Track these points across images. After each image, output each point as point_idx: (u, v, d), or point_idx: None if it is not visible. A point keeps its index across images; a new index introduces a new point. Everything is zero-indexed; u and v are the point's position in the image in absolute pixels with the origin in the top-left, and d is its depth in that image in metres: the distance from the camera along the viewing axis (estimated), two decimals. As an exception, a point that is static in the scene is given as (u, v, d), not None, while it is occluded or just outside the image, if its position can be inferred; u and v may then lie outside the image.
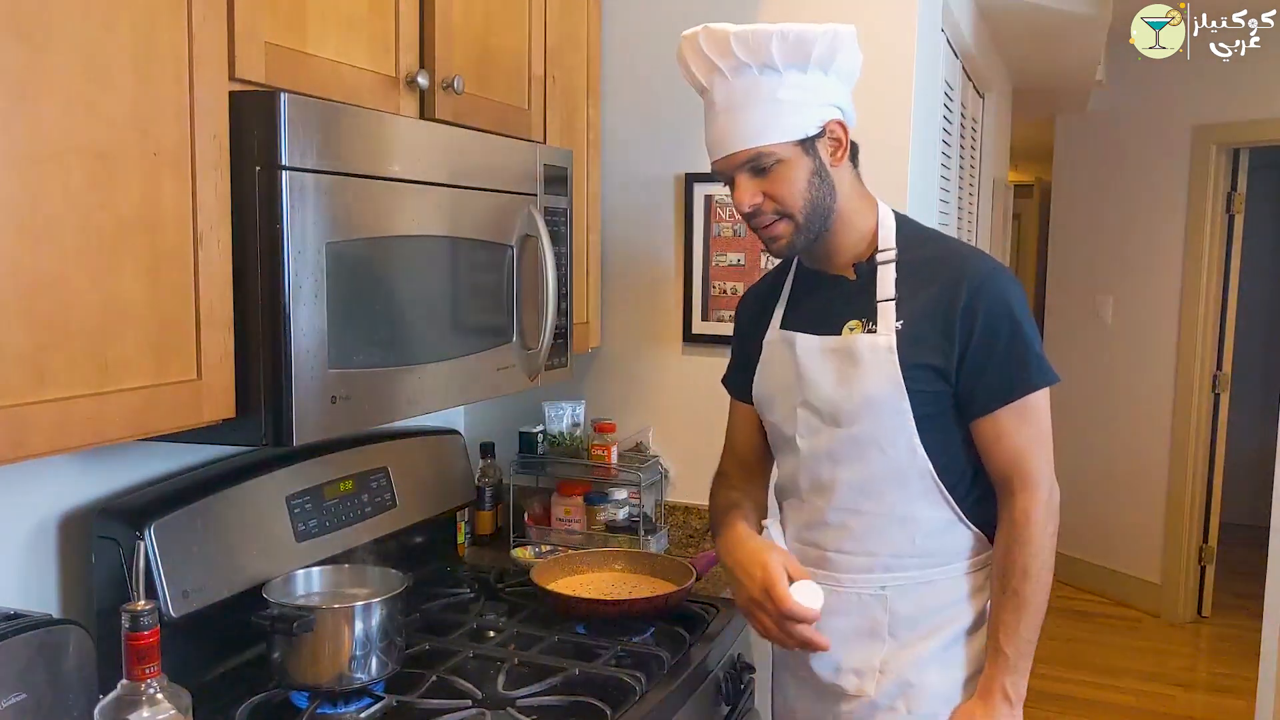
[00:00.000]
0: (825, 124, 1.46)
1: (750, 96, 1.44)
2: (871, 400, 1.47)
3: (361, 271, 1.38)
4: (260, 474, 1.64)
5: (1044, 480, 1.47)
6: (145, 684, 1.12)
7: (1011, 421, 1.46)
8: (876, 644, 1.52)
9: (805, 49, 1.42)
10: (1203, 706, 3.95)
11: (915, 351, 1.45)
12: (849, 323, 1.50)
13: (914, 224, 1.59)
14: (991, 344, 1.44)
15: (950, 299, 1.45)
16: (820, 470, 1.54)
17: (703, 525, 2.29)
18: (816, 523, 1.56)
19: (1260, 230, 5.56)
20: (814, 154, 1.47)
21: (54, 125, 1.02)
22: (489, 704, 1.50)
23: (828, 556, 1.55)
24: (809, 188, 1.47)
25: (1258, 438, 5.07)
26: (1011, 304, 1.46)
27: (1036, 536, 1.45)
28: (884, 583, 1.52)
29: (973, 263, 1.51)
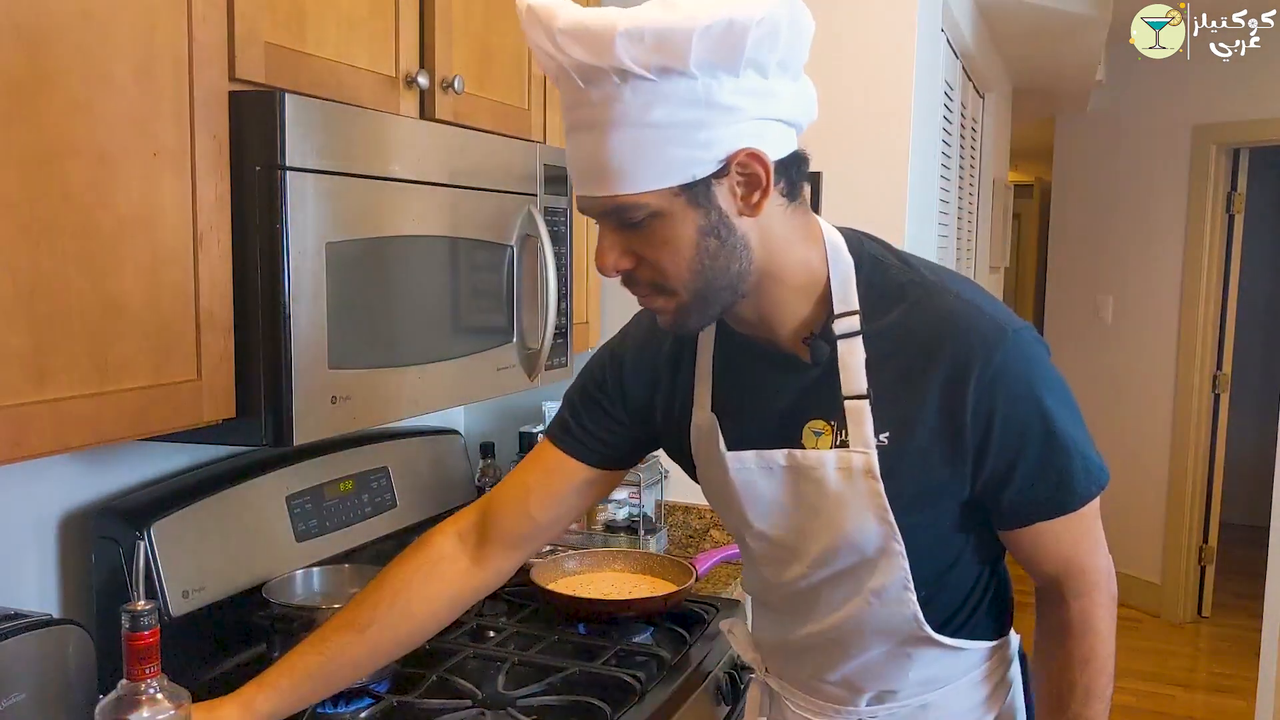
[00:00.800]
0: (729, 157, 0.97)
1: (611, 115, 0.95)
2: (848, 542, 1.11)
3: (361, 271, 1.38)
4: (260, 474, 1.64)
5: (1104, 576, 1.15)
6: (145, 684, 1.12)
7: (1061, 531, 1.11)
8: None
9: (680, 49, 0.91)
10: (1203, 706, 3.95)
11: (908, 472, 1.07)
12: (812, 423, 1.09)
13: (877, 261, 1.11)
14: (1020, 453, 1.05)
15: (951, 393, 1.03)
16: (790, 598, 1.22)
17: (703, 525, 2.29)
18: (790, 646, 1.27)
19: (1260, 230, 5.56)
20: (709, 204, 0.98)
21: (54, 125, 1.02)
22: (489, 704, 1.50)
23: (807, 683, 1.28)
24: (699, 253, 0.99)
25: (1258, 438, 5.08)
26: (1038, 391, 1.04)
27: (1102, 646, 1.15)
28: (875, 714, 1.24)
29: (976, 332, 1.04)
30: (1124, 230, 4.92)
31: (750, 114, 0.97)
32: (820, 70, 1.87)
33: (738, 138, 0.97)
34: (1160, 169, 4.73)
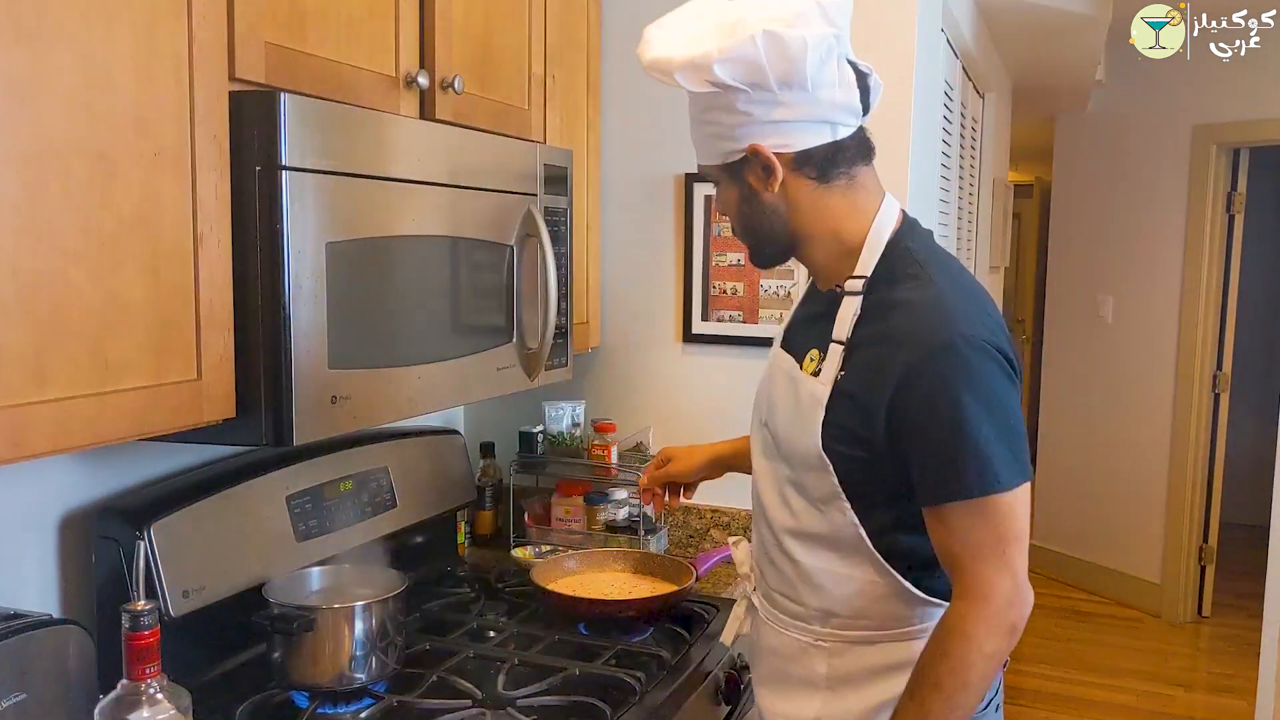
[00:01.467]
0: (746, 149, 1.28)
1: (691, 110, 1.34)
2: (799, 448, 1.31)
3: (362, 271, 1.38)
4: (260, 474, 1.64)
5: (995, 593, 1.19)
6: (145, 684, 1.12)
7: (958, 520, 1.21)
8: (812, 694, 1.37)
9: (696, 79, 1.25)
10: (1203, 706, 3.95)
11: (842, 408, 1.26)
12: (811, 351, 1.34)
13: (909, 247, 1.32)
14: (926, 436, 1.21)
15: (890, 366, 1.22)
16: (768, 504, 1.41)
17: (702, 525, 2.29)
18: (764, 556, 1.44)
19: (1260, 230, 5.56)
20: (740, 180, 1.32)
21: (54, 125, 1.02)
22: (489, 704, 1.50)
23: (771, 594, 1.43)
24: (740, 212, 1.35)
25: (1258, 438, 5.07)
26: (957, 391, 1.19)
27: (964, 652, 1.19)
28: (821, 636, 1.36)
29: (931, 325, 1.22)
30: (1124, 230, 4.92)
31: (759, 119, 1.26)
32: (820, 70, 1.87)
33: (750, 135, 1.28)
34: (1160, 169, 4.73)
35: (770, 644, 1.44)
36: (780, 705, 1.42)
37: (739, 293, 2.25)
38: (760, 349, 2.22)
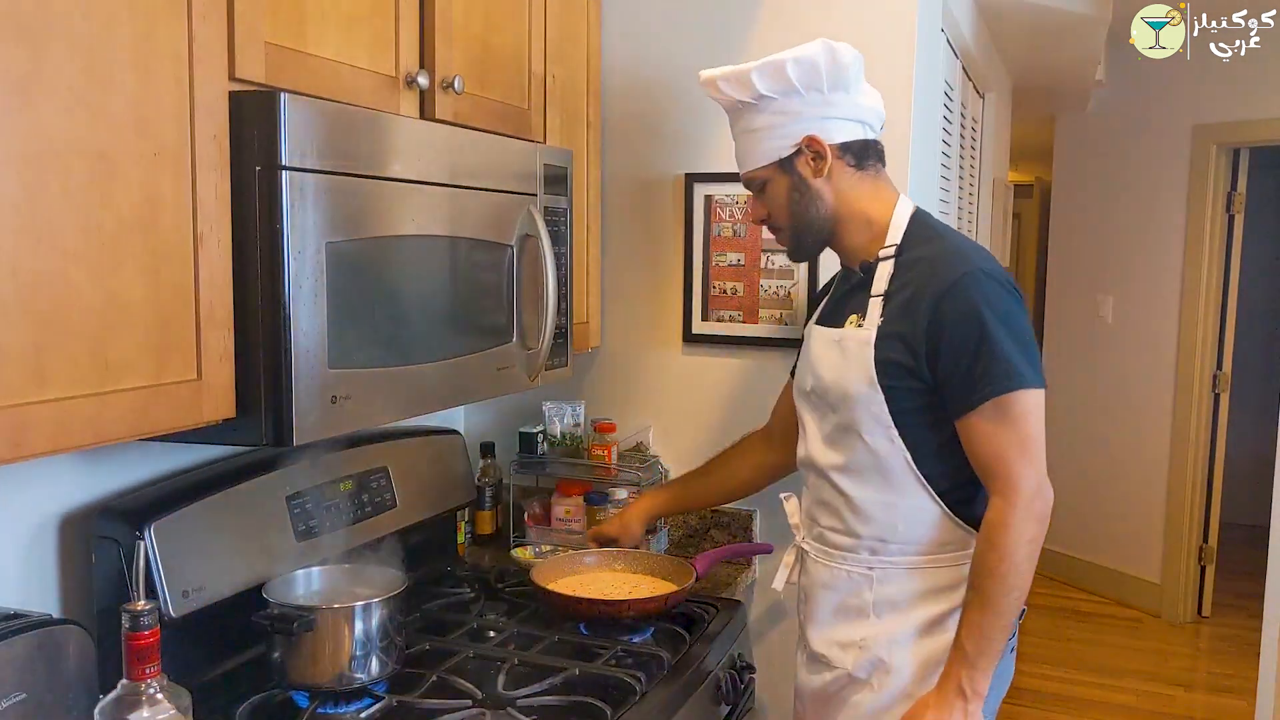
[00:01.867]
0: (799, 142, 1.59)
1: (740, 127, 1.65)
2: (852, 391, 1.56)
3: (361, 271, 1.38)
4: (260, 474, 1.64)
5: (1024, 485, 1.45)
6: (145, 684, 1.12)
7: (987, 425, 1.47)
8: (861, 621, 1.61)
9: (746, 80, 1.58)
10: (1203, 706, 3.95)
11: (889, 347, 1.53)
12: (851, 316, 1.61)
13: (926, 222, 1.64)
14: (958, 349, 1.47)
15: (923, 300, 1.50)
16: (817, 453, 1.65)
17: (702, 525, 2.29)
18: (816, 501, 1.68)
19: (1260, 230, 5.56)
20: (793, 171, 1.61)
21: (54, 125, 1.02)
22: (489, 704, 1.50)
23: (823, 533, 1.66)
24: (790, 203, 1.62)
25: (1258, 438, 5.07)
26: (980, 308, 1.46)
27: (1007, 541, 1.44)
28: (871, 564, 1.60)
29: (952, 264, 1.52)
30: (1124, 230, 4.91)
31: (812, 115, 1.59)
32: (820, 70, 1.87)
33: (804, 129, 1.59)
34: (1160, 169, 4.73)
35: (822, 579, 1.66)
36: (831, 634, 1.64)
37: (739, 293, 2.25)
38: (761, 349, 2.23)
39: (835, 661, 1.63)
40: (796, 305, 2.20)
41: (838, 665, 1.63)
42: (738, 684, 1.86)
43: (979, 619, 1.46)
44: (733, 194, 2.22)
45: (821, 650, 1.66)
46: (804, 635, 1.71)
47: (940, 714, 1.46)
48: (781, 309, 2.21)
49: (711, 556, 2.01)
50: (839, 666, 1.63)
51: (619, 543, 2.00)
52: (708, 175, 2.24)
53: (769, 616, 2.26)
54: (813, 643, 1.68)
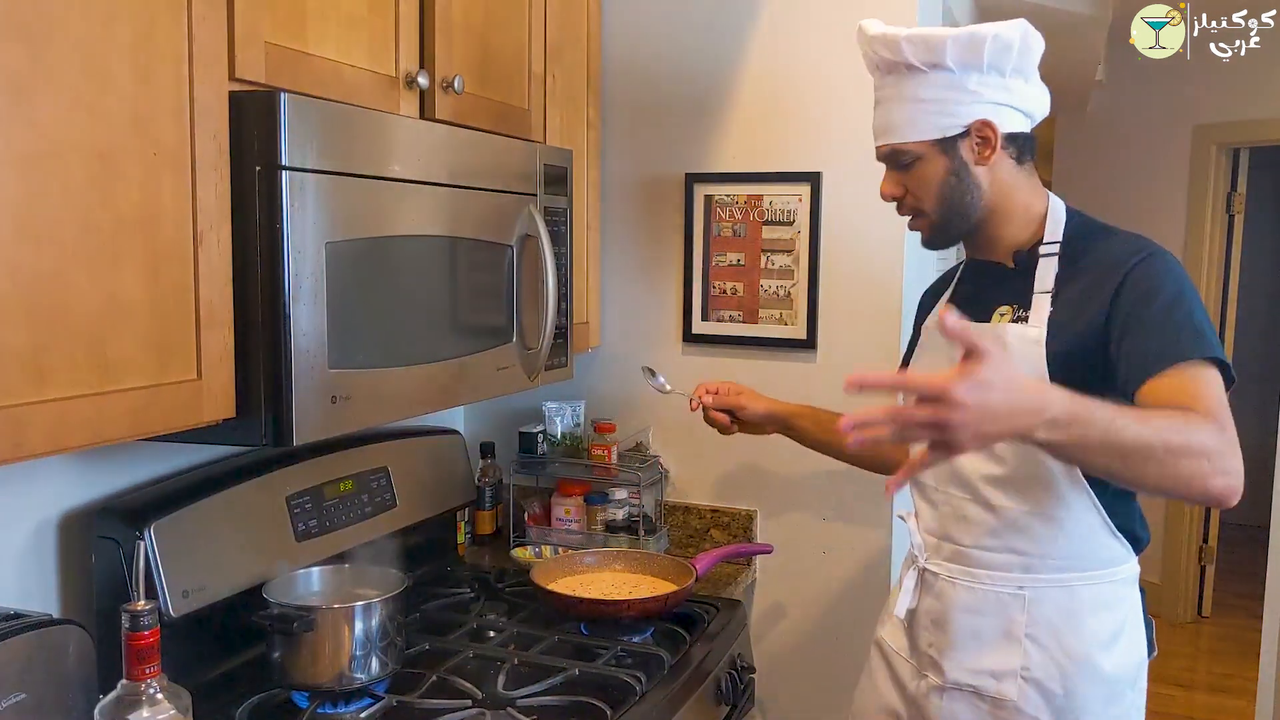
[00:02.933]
0: (970, 124, 1.45)
1: (898, 92, 1.48)
2: None
3: (361, 271, 1.38)
4: (260, 474, 1.64)
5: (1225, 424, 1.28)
6: (145, 684, 1.12)
7: (1170, 385, 1.29)
8: (1013, 646, 1.48)
9: (939, 48, 1.41)
10: (1203, 706, 3.95)
11: (1062, 341, 1.41)
12: (999, 308, 1.51)
13: (1085, 218, 1.55)
14: (1140, 320, 1.36)
15: (1107, 278, 1.41)
16: (965, 463, 1.49)
17: (702, 525, 2.29)
18: (955, 516, 1.53)
19: (1260, 230, 5.55)
20: (954, 154, 1.47)
21: (54, 125, 1.02)
22: (489, 704, 1.50)
23: (965, 552, 1.52)
24: (943, 186, 1.48)
25: (1258, 437, 5.07)
26: (1170, 277, 1.40)
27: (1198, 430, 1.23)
28: (1023, 583, 1.48)
29: (1132, 250, 1.44)
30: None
31: (988, 99, 1.45)
32: (820, 70, 1.88)
33: (977, 111, 1.45)
34: (1160, 169, 4.73)
35: (962, 603, 1.51)
36: (980, 662, 1.50)
37: (739, 293, 2.25)
38: (761, 349, 2.23)
39: (990, 691, 1.49)
40: (796, 305, 2.20)
41: (998, 696, 1.48)
42: (738, 684, 1.86)
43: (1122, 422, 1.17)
44: (733, 194, 2.22)
45: (968, 681, 1.50)
46: (933, 665, 1.55)
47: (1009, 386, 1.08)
48: (781, 309, 2.21)
49: (711, 556, 2.01)
50: (1001, 697, 1.48)
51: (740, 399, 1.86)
52: (708, 175, 2.24)
53: (769, 616, 2.26)
54: (952, 672, 1.52)
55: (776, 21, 2.17)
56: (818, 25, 2.14)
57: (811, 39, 2.14)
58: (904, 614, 1.60)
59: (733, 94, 2.21)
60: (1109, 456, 1.19)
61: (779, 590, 2.25)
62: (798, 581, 2.23)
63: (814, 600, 2.22)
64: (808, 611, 2.23)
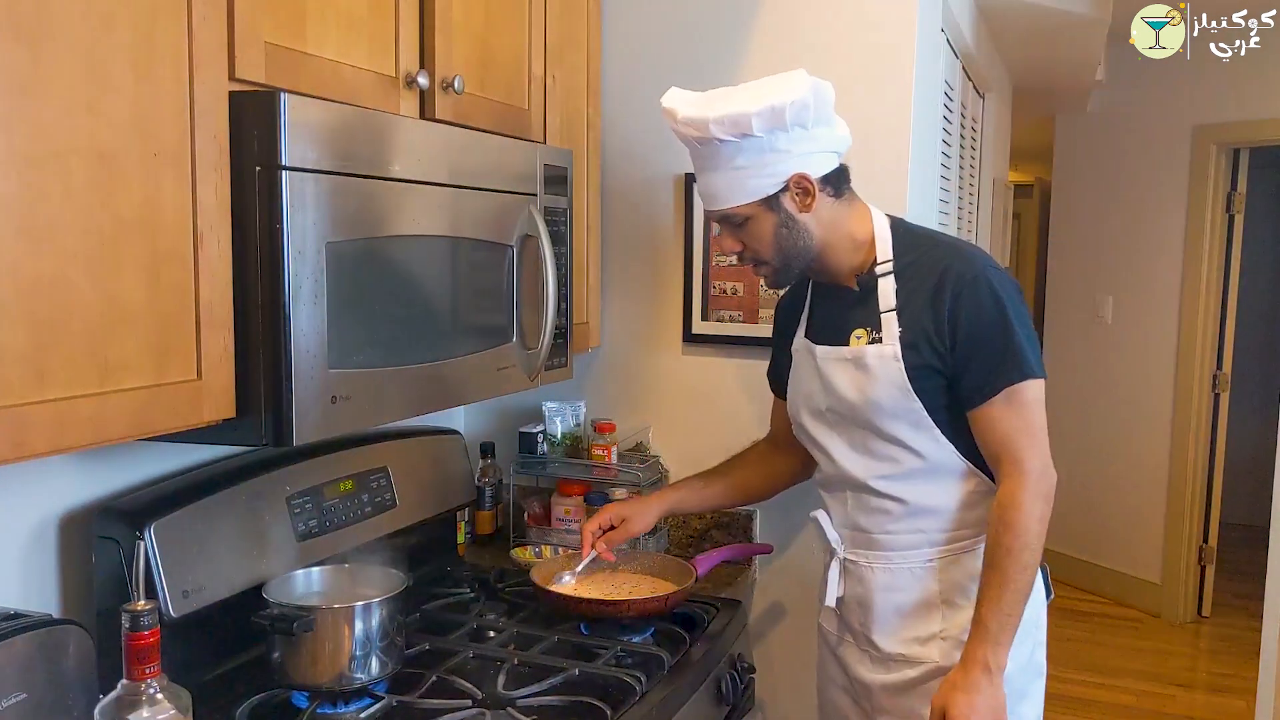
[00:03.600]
0: (788, 180, 1.56)
1: (715, 162, 1.58)
2: (887, 403, 1.58)
3: (362, 271, 1.38)
4: (260, 474, 1.64)
5: (1032, 467, 1.54)
6: (145, 684, 1.12)
7: (998, 413, 1.55)
8: (932, 613, 1.64)
9: (745, 124, 1.51)
10: (1203, 706, 3.95)
11: (914, 354, 1.57)
12: (855, 331, 1.63)
13: (908, 229, 1.68)
14: (977, 341, 1.54)
15: (938, 302, 1.56)
16: (854, 468, 1.66)
17: (703, 525, 2.29)
18: (860, 509, 1.68)
19: (1260, 230, 5.56)
20: (779, 208, 1.58)
21: (54, 125, 1.02)
22: (489, 704, 1.50)
23: (875, 539, 1.67)
24: (777, 237, 1.60)
25: (1258, 438, 5.07)
26: (996, 302, 1.55)
27: (1020, 519, 1.52)
28: (930, 556, 1.64)
29: (958, 264, 1.58)
30: (1124, 230, 4.91)
31: (798, 152, 1.55)
32: (820, 70, 1.88)
33: (791, 167, 1.56)
34: (1160, 169, 4.73)
35: (881, 583, 1.67)
36: (903, 633, 1.66)
37: (739, 293, 2.25)
38: (761, 349, 2.22)
39: (918, 657, 1.64)
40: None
41: (922, 660, 1.64)
42: (738, 684, 1.86)
43: (998, 596, 1.52)
44: (733, 194, 2.22)
45: (898, 650, 1.66)
46: (867, 641, 1.70)
47: (970, 694, 1.50)
48: (781, 309, 2.21)
49: (712, 557, 2.01)
50: (924, 661, 1.64)
51: (628, 526, 1.88)
52: (708, 175, 2.24)
53: (769, 616, 2.26)
54: (884, 646, 1.68)
55: (775, 22, 2.17)
56: (816, 25, 2.14)
57: (811, 39, 2.14)
58: (834, 602, 1.74)
59: (733, 94, 2.21)
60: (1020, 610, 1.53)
61: (779, 590, 2.25)
62: (798, 581, 2.23)
63: (814, 600, 2.21)
64: (808, 611, 2.23)
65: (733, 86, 1.60)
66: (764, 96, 1.51)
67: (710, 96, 1.58)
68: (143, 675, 1.12)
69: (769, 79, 1.57)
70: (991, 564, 1.54)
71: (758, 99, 1.51)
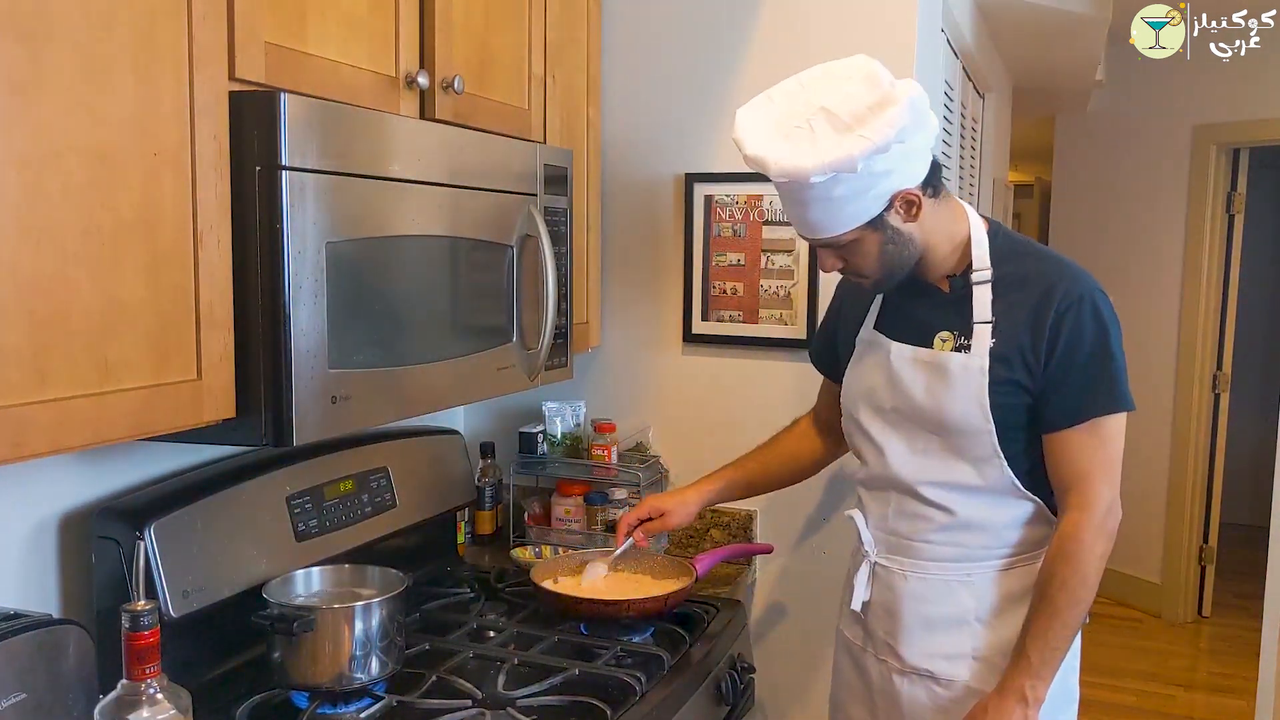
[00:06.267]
0: (891, 198, 1.46)
1: (810, 196, 1.44)
2: (959, 415, 1.52)
3: (361, 271, 1.38)
4: (260, 474, 1.64)
5: (1101, 502, 1.50)
6: (145, 684, 1.12)
7: (1080, 440, 1.49)
8: (963, 630, 1.58)
9: (850, 166, 1.38)
10: (1203, 706, 3.95)
11: (1005, 369, 1.50)
12: (940, 334, 1.56)
13: (1007, 235, 1.61)
14: (1070, 364, 1.48)
15: (1040, 317, 1.49)
16: (906, 471, 1.59)
17: (703, 525, 2.29)
18: (902, 513, 1.62)
19: (1260, 230, 5.55)
20: (884, 226, 1.48)
21: (54, 125, 1.02)
22: (489, 704, 1.50)
23: (913, 545, 1.61)
24: (883, 254, 1.51)
25: (1258, 438, 5.07)
26: (1096, 325, 1.49)
27: (1080, 554, 1.47)
28: (970, 571, 1.57)
29: (1066, 281, 1.51)
30: (1124, 230, 4.91)
31: (899, 169, 1.44)
32: (820, 70, 1.87)
33: (894, 185, 1.45)
34: (1160, 169, 4.73)
35: (911, 592, 1.61)
36: (929, 646, 1.60)
37: (739, 293, 2.25)
38: (761, 349, 2.23)
39: (945, 674, 1.59)
40: (796, 305, 2.20)
41: (951, 679, 1.58)
42: (738, 684, 1.86)
43: (1046, 628, 1.47)
44: (733, 194, 2.22)
45: (923, 665, 1.60)
46: (890, 650, 1.64)
47: (1000, 718, 1.47)
48: (782, 309, 2.21)
49: (711, 556, 2.01)
50: (953, 679, 1.58)
51: (667, 520, 1.84)
52: (708, 175, 2.24)
53: (769, 616, 2.26)
54: (908, 658, 1.61)
55: (776, 22, 2.17)
56: (817, 25, 2.14)
57: (811, 39, 2.14)
58: (859, 606, 1.68)
59: (733, 94, 2.20)
60: (1067, 645, 1.50)
61: (779, 590, 2.25)
62: (798, 581, 2.23)
63: (814, 600, 2.22)
64: (808, 611, 2.23)
65: (796, 84, 1.47)
66: (864, 130, 1.36)
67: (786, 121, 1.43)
68: (143, 675, 1.12)
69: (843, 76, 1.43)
70: (1044, 595, 1.48)
71: (859, 137, 1.36)
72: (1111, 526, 1.51)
